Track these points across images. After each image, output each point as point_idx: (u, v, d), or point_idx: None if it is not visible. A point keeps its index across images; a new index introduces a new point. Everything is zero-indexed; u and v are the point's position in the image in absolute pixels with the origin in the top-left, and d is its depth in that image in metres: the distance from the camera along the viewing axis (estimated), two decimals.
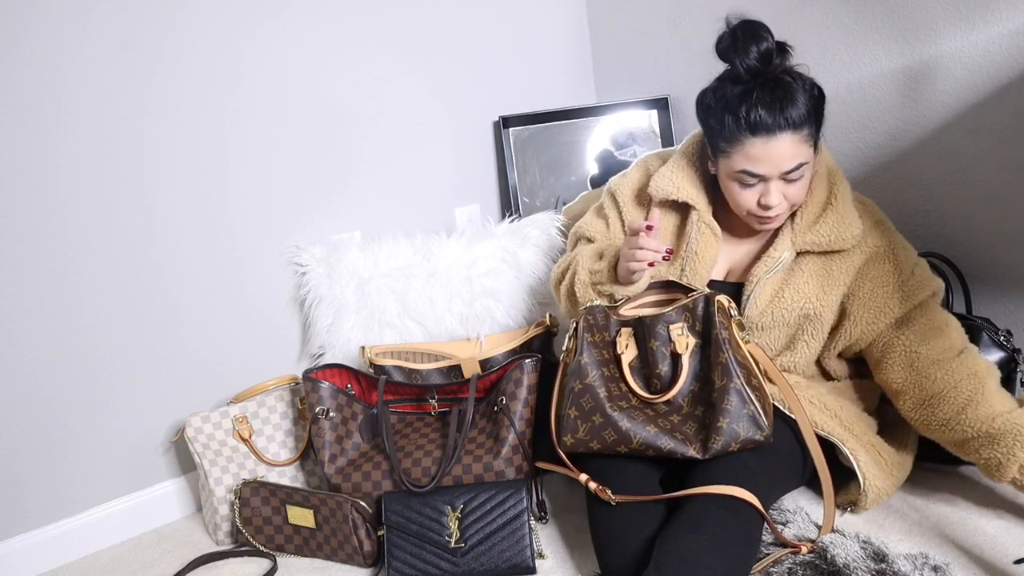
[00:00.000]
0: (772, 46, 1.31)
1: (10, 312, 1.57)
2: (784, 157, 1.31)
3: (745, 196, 1.38)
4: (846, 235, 1.39)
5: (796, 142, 1.31)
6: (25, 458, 1.62)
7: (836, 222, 1.39)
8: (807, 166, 1.35)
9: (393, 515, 1.43)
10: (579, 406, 1.35)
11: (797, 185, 1.36)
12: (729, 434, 1.27)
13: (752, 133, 1.31)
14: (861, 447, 1.41)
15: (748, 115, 1.30)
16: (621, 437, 1.31)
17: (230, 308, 1.83)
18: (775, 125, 1.29)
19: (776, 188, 1.35)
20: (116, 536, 1.72)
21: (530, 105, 2.28)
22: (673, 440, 1.30)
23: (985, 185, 1.64)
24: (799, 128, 1.30)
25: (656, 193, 1.50)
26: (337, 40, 1.93)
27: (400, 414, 1.64)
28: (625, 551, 1.26)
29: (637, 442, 1.30)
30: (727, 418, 1.27)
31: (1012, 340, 1.57)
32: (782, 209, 1.38)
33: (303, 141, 1.90)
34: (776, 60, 1.32)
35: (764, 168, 1.33)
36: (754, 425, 1.27)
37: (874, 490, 1.39)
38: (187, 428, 1.64)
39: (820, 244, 1.41)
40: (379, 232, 1.99)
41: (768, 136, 1.30)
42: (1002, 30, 1.54)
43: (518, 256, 1.89)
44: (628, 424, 1.31)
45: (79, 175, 1.62)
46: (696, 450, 1.29)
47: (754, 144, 1.31)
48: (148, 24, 1.66)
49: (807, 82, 1.33)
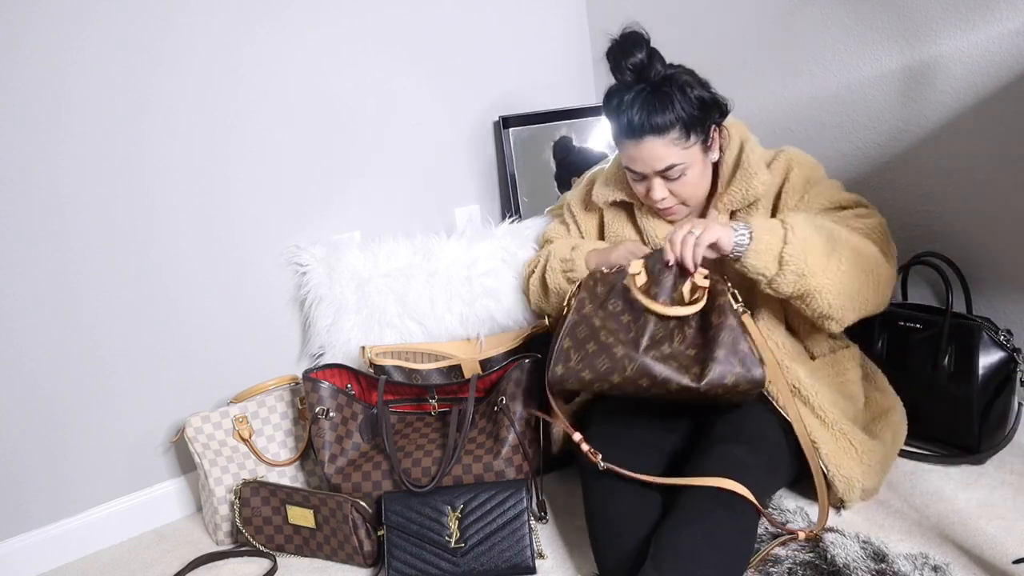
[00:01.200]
0: (643, 58, 1.42)
1: (10, 312, 1.57)
2: (654, 158, 1.45)
3: (637, 188, 1.56)
4: (754, 183, 1.51)
5: (664, 145, 1.44)
6: (25, 458, 1.62)
7: (744, 178, 1.52)
8: (684, 167, 1.47)
9: (393, 515, 1.43)
10: (573, 336, 1.37)
11: (680, 183, 1.49)
12: (725, 365, 1.29)
13: (625, 136, 1.46)
14: (830, 436, 1.42)
15: (620, 119, 1.45)
16: (615, 364, 1.32)
17: (230, 308, 1.83)
18: (640, 129, 1.43)
19: (659, 184, 1.50)
20: (116, 536, 1.72)
21: (530, 105, 2.28)
22: (668, 368, 1.31)
23: (985, 185, 1.64)
24: (664, 132, 1.43)
25: (598, 199, 1.67)
26: (337, 40, 1.93)
27: (400, 414, 1.64)
28: (622, 547, 1.27)
29: (632, 368, 1.31)
30: (723, 349, 1.30)
31: (1012, 340, 1.57)
32: (671, 203, 1.53)
33: (303, 141, 1.90)
34: (648, 69, 1.43)
35: (639, 166, 1.49)
36: (750, 361, 1.30)
37: (843, 480, 1.39)
38: (187, 428, 1.64)
39: (737, 200, 1.54)
40: (379, 232, 1.99)
41: (637, 139, 1.45)
42: (1002, 30, 1.55)
43: (518, 256, 1.89)
44: (623, 351, 1.32)
45: (79, 175, 1.62)
46: (692, 378, 1.30)
47: (627, 146, 1.47)
48: (148, 24, 1.66)
49: (688, 91, 1.43)
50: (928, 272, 1.75)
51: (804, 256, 1.35)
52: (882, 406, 1.57)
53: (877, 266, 1.43)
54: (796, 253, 1.34)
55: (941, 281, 1.67)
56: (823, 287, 1.36)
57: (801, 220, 1.38)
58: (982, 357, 1.55)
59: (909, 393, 1.60)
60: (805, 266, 1.35)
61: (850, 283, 1.39)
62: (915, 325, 1.64)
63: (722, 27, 1.53)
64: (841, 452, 1.41)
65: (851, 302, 1.40)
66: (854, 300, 1.40)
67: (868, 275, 1.41)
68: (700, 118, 1.45)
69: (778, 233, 1.36)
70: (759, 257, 1.35)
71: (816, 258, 1.35)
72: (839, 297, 1.38)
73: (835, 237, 1.39)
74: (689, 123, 1.43)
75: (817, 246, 1.36)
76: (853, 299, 1.40)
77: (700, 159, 1.49)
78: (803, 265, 1.35)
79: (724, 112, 1.50)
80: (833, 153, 1.87)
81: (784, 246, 1.35)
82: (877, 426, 1.52)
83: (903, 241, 1.77)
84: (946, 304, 1.60)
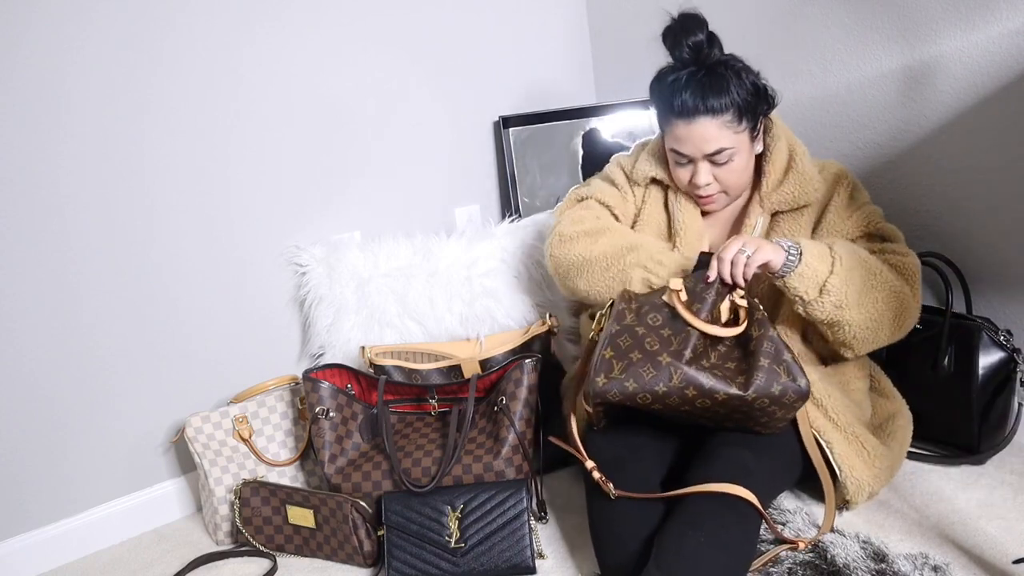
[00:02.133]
0: (703, 39, 1.43)
1: (10, 312, 1.57)
2: (704, 140, 1.44)
3: (679, 173, 1.53)
4: (808, 189, 1.51)
5: (717, 127, 1.43)
6: (25, 458, 1.62)
7: (798, 180, 1.51)
8: (732, 152, 1.46)
9: (393, 515, 1.43)
10: (615, 346, 1.33)
11: (727, 169, 1.48)
12: (770, 373, 1.27)
13: (676, 115, 1.45)
14: (843, 439, 1.42)
15: (673, 99, 1.44)
16: (660, 373, 1.28)
17: (230, 308, 1.83)
18: (695, 110, 1.42)
19: (704, 169, 1.48)
20: (116, 536, 1.72)
21: (530, 105, 2.28)
22: (714, 378, 1.28)
23: (985, 185, 1.64)
24: (719, 114, 1.43)
25: (637, 175, 1.63)
26: (337, 40, 1.93)
27: (400, 414, 1.64)
28: (624, 549, 1.26)
29: (678, 378, 1.28)
30: (768, 359, 1.28)
31: (1012, 340, 1.57)
32: (713, 191, 1.51)
33: (303, 141, 1.90)
34: (707, 51, 1.44)
35: (687, 148, 1.47)
36: (795, 370, 1.28)
37: (853, 481, 1.39)
38: (187, 428, 1.64)
39: (787, 202, 1.53)
40: (379, 232, 1.99)
41: (689, 119, 1.44)
42: (1002, 30, 1.54)
43: (518, 256, 1.89)
44: (668, 359, 1.29)
45: (79, 175, 1.62)
46: (739, 386, 1.27)
47: (678, 126, 1.46)
48: (148, 24, 1.66)
49: (743, 76, 1.44)
50: (928, 272, 1.75)
51: (845, 288, 1.36)
52: (888, 411, 1.56)
53: (906, 308, 1.44)
54: (839, 284, 1.35)
55: (941, 281, 1.67)
56: (854, 321, 1.39)
57: (848, 251, 1.39)
58: (982, 357, 1.55)
59: (909, 394, 1.60)
60: (845, 298, 1.36)
61: (879, 321, 1.41)
62: (915, 326, 1.64)
63: (722, 27, 1.53)
64: (854, 455, 1.41)
65: (873, 336, 1.42)
66: (877, 336, 1.43)
67: (896, 317, 1.43)
68: (753, 104, 1.45)
69: (826, 261, 1.36)
70: (803, 281, 1.36)
71: (855, 292, 1.37)
72: (864, 331, 1.41)
73: (875, 273, 1.41)
74: (743, 108, 1.44)
75: (857, 280, 1.38)
76: (876, 335, 1.43)
77: (747, 147, 1.49)
78: (843, 297, 1.36)
79: (772, 104, 1.50)
80: (833, 153, 1.87)
81: (830, 275, 1.35)
82: (884, 432, 1.51)
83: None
84: (946, 304, 1.60)
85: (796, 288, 1.36)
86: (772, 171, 1.53)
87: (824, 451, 1.40)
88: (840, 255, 1.37)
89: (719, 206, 1.56)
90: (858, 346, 1.44)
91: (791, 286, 1.37)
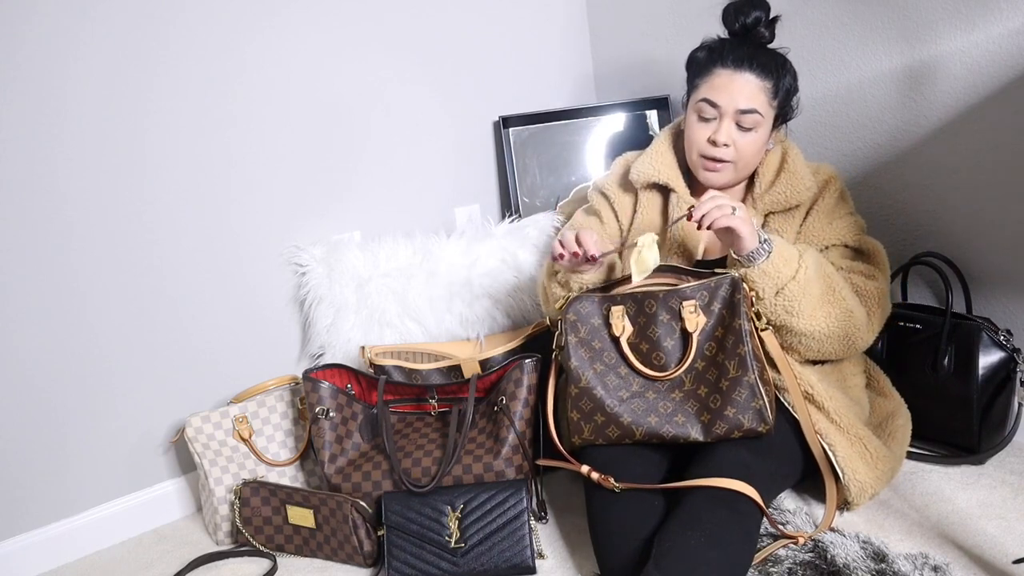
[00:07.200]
0: (763, 17, 1.48)
1: (10, 312, 1.57)
2: (743, 93, 1.46)
3: (699, 131, 1.52)
4: (800, 188, 1.52)
5: (757, 87, 1.47)
6: (25, 458, 1.62)
7: (789, 180, 1.53)
8: (759, 120, 1.48)
9: (393, 515, 1.43)
10: (579, 409, 1.39)
11: (748, 138, 1.49)
12: (734, 423, 1.31)
13: (721, 64, 1.48)
14: (846, 440, 1.42)
15: (723, 50, 1.48)
16: (624, 432, 1.36)
17: (230, 308, 1.83)
18: (746, 60, 1.46)
19: (727, 127, 1.48)
20: (116, 536, 1.72)
21: (530, 105, 2.28)
22: (675, 426, 1.34)
23: (985, 185, 1.64)
24: (762, 74, 1.47)
25: (638, 177, 1.61)
26: (337, 40, 1.93)
27: (400, 414, 1.64)
28: (624, 548, 1.26)
29: (641, 433, 1.35)
30: (735, 408, 1.31)
31: (1012, 340, 1.57)
32: (729, 155, 1.49)
33: (303, 141, 1.90)
34: (762, 28, 1.49)
35: (723, 98, 1.47)
36: (759, 418, 1.31)
37: (857, 484, 1.39)
38: (187, 428, 1.64)
39: (779, 202, 1.54)
40: (379, 232, 1.99)
41: (734, 69, 1.47)
42: (1002, 30, 1.54)
43: (518, 256, 1.89)
44: (630, 418, 1.35)
45: (79, 175, 1.62)
46: (698, 432, 1.33)
47: (720, 75, 1.48)
48: (148, 24, 1.66)
49: (789, 66, 1.50)
50: (928, 272, 1.75)
51: (801, 297, 1.37)
52: (886, 409, 1.56)
53: (858, 332, 1.46)
54: (796, 292, 1.37)
55: (941, 281, 1.67)
56: (801, 329, 1.41)
57: (815, 262, 1.40)
58: (982, 357, 1.55)
59: (909, 393, 1.60)
60: (797, 306, 1.38)
61: (826, 336, 1.43)
62: (915, 326, 1.65)
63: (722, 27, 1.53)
64: (857, 457, 1.41)
65: (817, 348, 1.45)
66: (821, 348, 1.45)
67: (846, 337, 1.45)
68: (787, 97, 1.50)
69: (792, 265, 1.37)
70: (764, 278, 1.36)
71: (809, 304, 1.39)
72: (809, 341, 1.43)
73: (834, 290, 1.42)
74: (780, 91, 1.48)
75: (815, 293, 1.39)
76: (821, 347, 1.45)
77: (766, 132, 1.51)
78: (796, 305, 1.38)
79: (794, 113, 1.56)
80: (833, 153, 1.87)
81: (791, 281, 1.36)
82: (884, 432, 1.51)
83: (903, 241, 1.77)
84: (946, 304, 1.60)
85: (755, 283, 1.37)
86: (765, 172, 1.56)
87: (827, 453, 1.40)
88: (806, 264, 1.38)
89: (723, 179, 1.54)
90: (802, 352, 1.46)
91: (751, 279, 1.37)
